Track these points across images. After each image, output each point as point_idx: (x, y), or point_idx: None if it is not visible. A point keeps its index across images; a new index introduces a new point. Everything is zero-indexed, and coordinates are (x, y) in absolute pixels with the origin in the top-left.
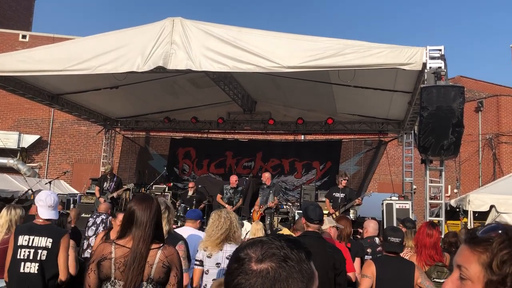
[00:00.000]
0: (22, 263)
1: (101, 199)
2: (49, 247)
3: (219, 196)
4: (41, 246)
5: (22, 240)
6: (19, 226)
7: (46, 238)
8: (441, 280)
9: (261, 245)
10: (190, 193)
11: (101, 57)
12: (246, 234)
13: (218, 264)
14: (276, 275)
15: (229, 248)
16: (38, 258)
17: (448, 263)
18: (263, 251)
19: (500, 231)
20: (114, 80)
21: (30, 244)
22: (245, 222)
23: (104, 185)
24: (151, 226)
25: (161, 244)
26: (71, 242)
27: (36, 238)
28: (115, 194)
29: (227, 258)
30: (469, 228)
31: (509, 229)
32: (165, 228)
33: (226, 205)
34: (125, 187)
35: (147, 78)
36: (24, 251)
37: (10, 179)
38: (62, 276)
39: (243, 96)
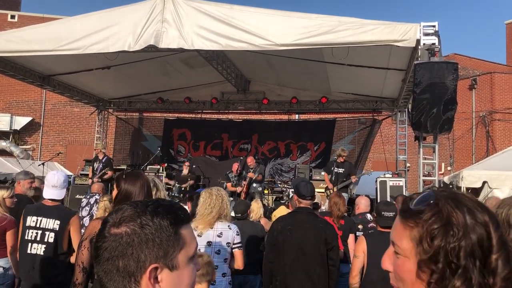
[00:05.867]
0: (30, 244)
1: (89, 181)
2: (56, 229)
3: (229, 184)
4: (49, 228)
5: (30, 221)
6: (28, 206)
7: (53, 220)
8: None
9: (124, 210)
10: (184, 172)
11: (92, 37)
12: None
13: (209, 243)
14: (129, 240)
15: (220, 226)
16: (46, 240)
17: None
18: (122, 216)
19: (431, 202)
20: (106, 60)
21: (38, 226)
22: (253, 203)
23: (95, 166)
24: None
25: None
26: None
27: (44, 220)
28: (95, 179)
29: (218, 236)
30: (406, 196)
31: (441, 198)
32: None
33: (237, 189)
34: (109, 173)
35: (139, 58)
36: (32, 232)
37: (3, 161)
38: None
39: (236, 75)
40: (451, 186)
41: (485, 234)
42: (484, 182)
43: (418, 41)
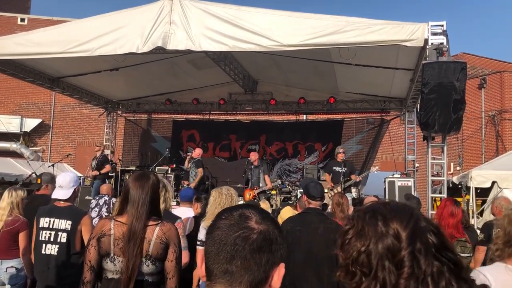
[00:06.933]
0: (44, 245)
1: (89, 178)
2: (69, 229)
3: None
4: (61, 228)
5: (43, 222)
6: (41, 208)
7: (65, 220)
8: (465, 255)
9: (258, 209)
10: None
11: (100, 39)
12: None
13: None
14: (273, 238)
15: None
16: (59, 240)
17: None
18: (262, 214)
19: (349, 218)
20: (114, 62)
21: (51, 226)
22: (261, 203)
23: (92, 164)
24: (145, 203)
25: (159, 221)
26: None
27: (56, 221)
28: (93, 172)
29: None
30: None
31: (357, 213)
32: (161, 206)
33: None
34: (106, 167)
35: (147, 60)
36: (45, 233)
37: (14, 163)
38: None
39: (244, 76)
40: (460, 186)
41: (393, 237)
42: (493, 182)
43: (426, 41)
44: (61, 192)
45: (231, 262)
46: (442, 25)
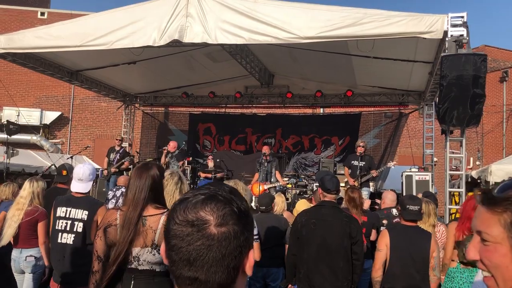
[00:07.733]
0: (60, 234)
1: (105, 172)
2: (85, 219)
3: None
4: (77, 218)
5: (60, 211)
6: (58, 197)
7: (82, 210)
8: None
9: (217, 203)
10: (210, 165)
11: (118, 32)
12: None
13: None
14: (237, 236)
15: None
16: (75, 230)
17: None
18: (221, 211)
19: None
20: (132, 55)
21: (67, 216)
22: (276, 196)
23: (111, 156)
24: (142, 192)
25: (165, 210)
26: None
27: (73, 210)
28: (113, 169)
29: None
30: (483, 188)
31: None
32: (178, 197)
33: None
34: (126, 164)
35: (165, 53)
36: (62, 222)
37: (34, 155)
38: None
39: (260, 69)
40: (479, 181)
41: None
42: None
43: (445, 33)
44: (81, 186)
45: (196, 271)
46: (462, 17)
